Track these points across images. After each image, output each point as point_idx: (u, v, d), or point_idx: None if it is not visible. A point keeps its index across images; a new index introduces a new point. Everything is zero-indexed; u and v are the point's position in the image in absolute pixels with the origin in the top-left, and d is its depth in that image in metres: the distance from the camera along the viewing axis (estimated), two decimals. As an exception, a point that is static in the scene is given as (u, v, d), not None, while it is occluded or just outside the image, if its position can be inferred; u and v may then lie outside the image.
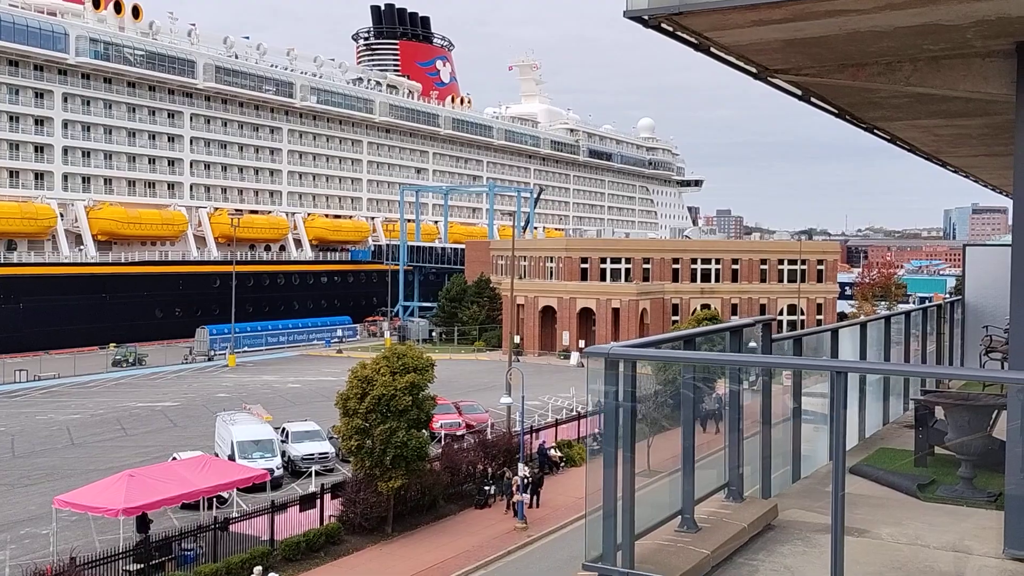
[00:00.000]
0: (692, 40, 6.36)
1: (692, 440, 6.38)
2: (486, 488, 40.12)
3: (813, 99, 8.60)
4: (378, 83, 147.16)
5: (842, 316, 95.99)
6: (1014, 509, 6.24)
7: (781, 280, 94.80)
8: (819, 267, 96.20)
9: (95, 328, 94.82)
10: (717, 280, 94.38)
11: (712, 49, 6.62)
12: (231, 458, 40.68)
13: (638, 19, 5.86)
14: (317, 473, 41.98)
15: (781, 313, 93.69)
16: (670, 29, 6.10)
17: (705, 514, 6.78)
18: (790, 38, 6.35)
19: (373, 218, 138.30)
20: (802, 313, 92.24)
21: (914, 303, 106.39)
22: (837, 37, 6.35)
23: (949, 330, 15.54)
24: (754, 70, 7.41)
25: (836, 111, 9.43)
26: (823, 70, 7.29)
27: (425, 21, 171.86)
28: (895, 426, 11.26)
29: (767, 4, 5.54)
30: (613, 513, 5.32)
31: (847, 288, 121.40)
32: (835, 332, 9.89)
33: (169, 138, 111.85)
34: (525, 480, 38.64)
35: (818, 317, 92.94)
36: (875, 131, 10.88)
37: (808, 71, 7.35)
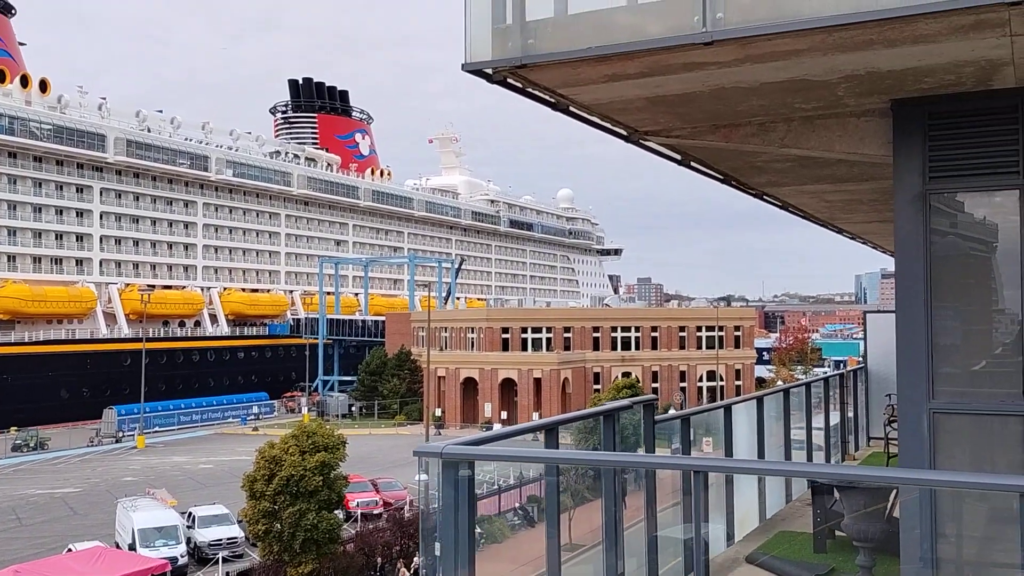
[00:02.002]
0: (547, 98, 5.83)
1: (557, 542, 5.66)
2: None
3: (693, 163, 8.18)
4: (296, 156, 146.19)
5: (760, 381, 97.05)
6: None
7: (700, 347, 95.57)
8: (736, 333, 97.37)
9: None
10: (637, 348, 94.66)
11: (572, 108, 6.10)
12: (132, 547, 38.56)
13: (479, 73, 5.30)
14: (225, 560, 39.95)
15: (701, 379, 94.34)
16: (519, 86, 5.55)
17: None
18: (652, 95, 5.87)
19: (292, 291, 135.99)
20: (721, 379, 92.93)
21: (829, 367, 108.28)
22: (702, 94, 5.90)
23: (853, 399, 15.24)
24: (624, 132, 6.93)
25: (720, 176, 9.04)
26: (694, 131, 6.85)
27: (344, 95, 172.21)
28: (798, 504, 10.72)
29: (617, 56, 5.03)
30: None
31: (765, 353, 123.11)
32: (728, 409, 9.35)
33: (78, 213, 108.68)
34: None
35: (737, 383, 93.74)
36: (765, 198, 10.55)
37: (679, 132, 6.90)
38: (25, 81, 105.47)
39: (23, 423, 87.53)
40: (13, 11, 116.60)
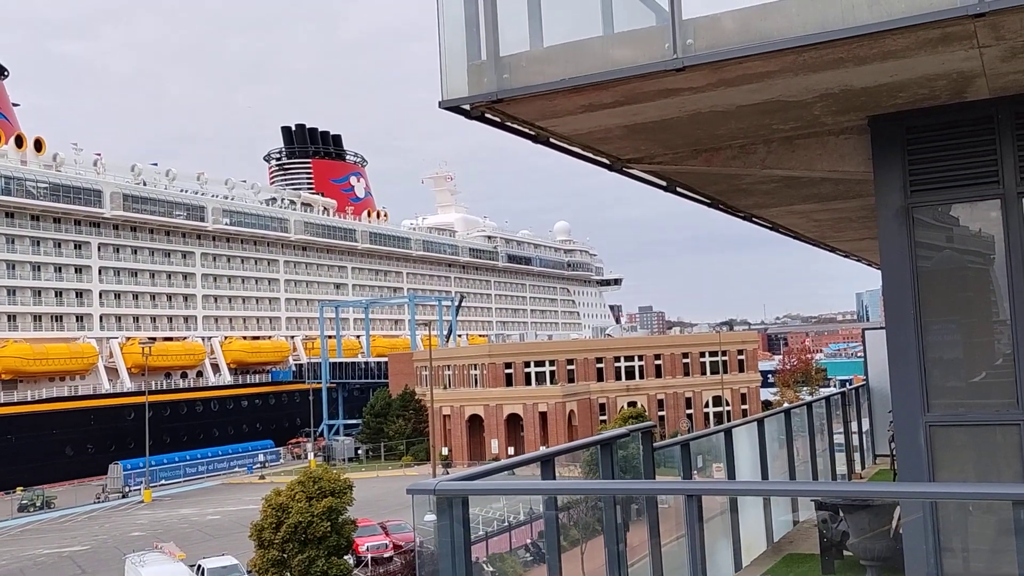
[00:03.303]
0: (526, 131, 5.87)
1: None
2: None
3: (679, 188, 8.21)
4: (292, 202, 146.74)
5: (767, 404, 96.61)
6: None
7: (704, 372, 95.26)
8: (740, 357, 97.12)
9: (0, 472, 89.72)
10: (641, 376, 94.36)
11: (552, 140, 6.14)
12: (140, 604, 38.19)
13: (457, 110, 5.34)
14: (235, 612, 39.57)
15: (707, 405, 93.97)
16: (497, 120, 5.59)
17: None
18: (630, 123, 5.91)
19: (293, 337, 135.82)
20: (727, 404, 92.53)
21: (835, 386, 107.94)
22: (680, 120, 5.93)
23: (857, 417, 15.16)
24: (606, 161, 6.96)
25: (708, 200, 9.06)
26: (677, 157, 6.88)
27: (337, 139, 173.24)
28: (805, 526, 10.63)
29: (592, 86, 5.07)
30: None
31: (769, 376, 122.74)
32: (728, 432, 9.30)
33: (77, 269, 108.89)
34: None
35: (743, 407, 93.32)
36: (753, 220, 10.57)
37: (662, 159, 6.93)
38: (20, 141, 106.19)
39: (29, 483, 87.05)
40: (6, 73, 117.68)
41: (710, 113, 5.79)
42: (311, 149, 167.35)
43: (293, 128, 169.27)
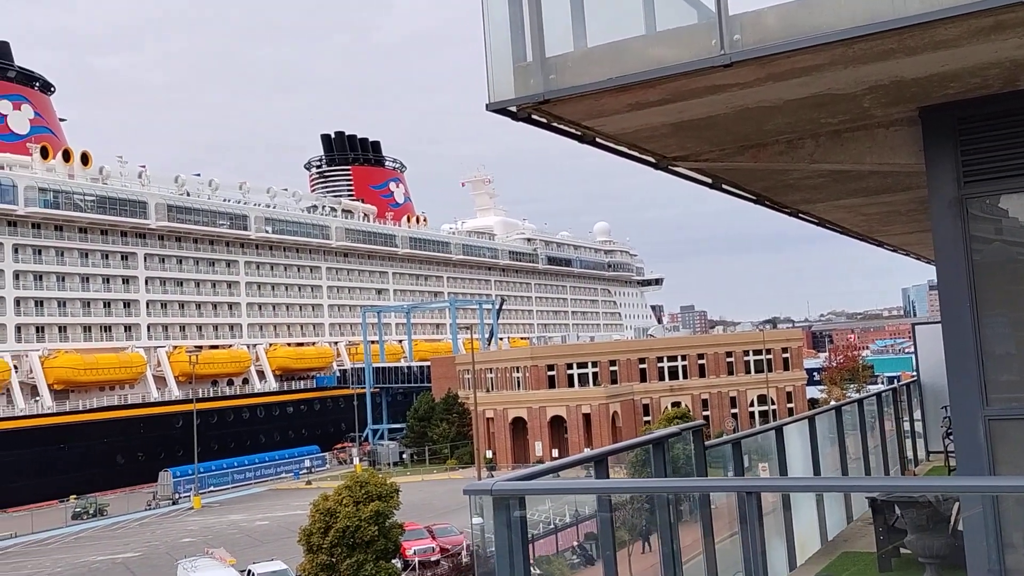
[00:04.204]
0: (572, 131, 5.87)
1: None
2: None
3: (724, 186, 8.15)
4: (333, 209, 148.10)
5: (813, 402, 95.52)
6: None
7: (748, 371, 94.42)
8: (784, 355, 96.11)
9: (54, 481, 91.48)
10: (685, 376, 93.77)
11: (598, 140, 6.14)
12: (193, 608, 38.72)
13: (504, 112, 5.36)
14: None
15: (752, 404, 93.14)
16: (544, 121, 5.60)
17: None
18: (676, 121, 5.89)
19: (336, 343, 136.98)
20: (773, 403, 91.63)
21: (882, 383, 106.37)
22: (727, 116, 5.90)
23: (909, 413, 14.93)
24: (652, 159, 6.94)
25: (753, 197, 8.98)
26: (723, 154, 6.84)
27: (376, 145, 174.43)
28: (859, 524, 10.50)
29: (639, 84, 5.07)
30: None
31: (815, 374, 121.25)
32: (780, 430, 9.21)
33: (124, 280, 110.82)
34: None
35: (789, 405, 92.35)
36: (800, 215, 10.46)
37: (707, 156, 6.89)
38: (68, 156, 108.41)
39: (81, 491, 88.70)
40: (52, 89, 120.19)
41: (757, 108, 5.75)
42: (351, 156, 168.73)
43: (332, 136, 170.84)
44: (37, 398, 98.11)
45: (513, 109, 5.38)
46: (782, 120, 6.11)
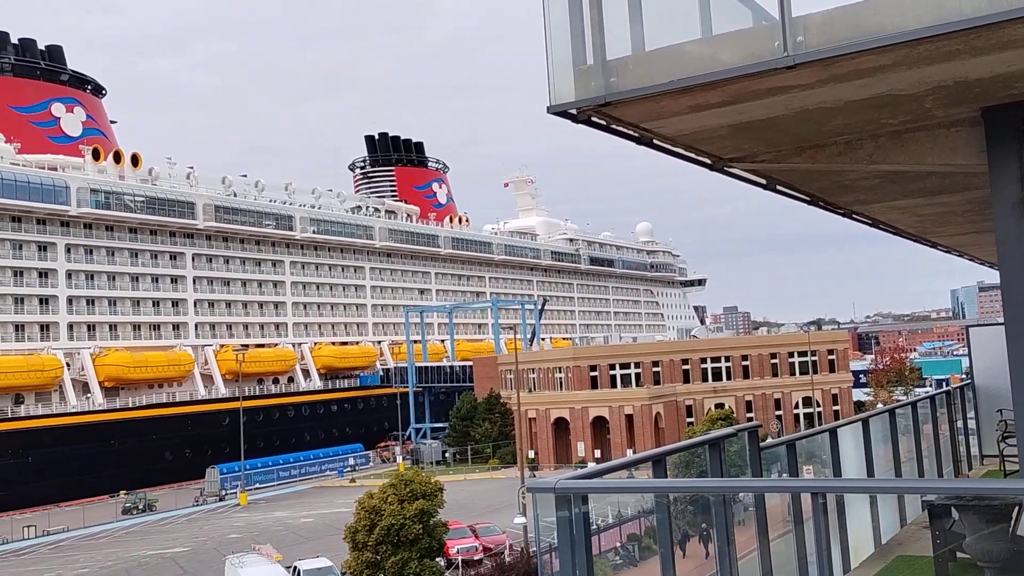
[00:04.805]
0: (631, 133, 5.92)
1: (672, 571, 5.63)
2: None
3: (779, 187, 8.13)
4: (376, 209, 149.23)
5: (859, 405, 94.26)
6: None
7: (793, 373, 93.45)
8: (830, 357, 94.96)
9: (105, 476, 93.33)
10: (728, 378, 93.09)
11: (655, 141, 6.18)
12: (240, 604, 39.25)
13: (564, 114, 5.42)
14: (331, 612, 40.33)
15: (797, 406, 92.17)
16: (603, 123, 5.66)
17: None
18: (735, 123, 5.91)
19: (380, 342, 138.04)
20: (818, 405, 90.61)
21: (931, 386, 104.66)
22: (786, 118, 5.90)
23: (963, 416, 14.72)
24: (708, 161, 6.96)
25: (807, 198, 8.95)
26: (780, 155, 6.83)
27: (419, 146, 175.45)
28: (914, 527, 10.39)
29: (700, 86, 5.10)
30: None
31: (861, 376, 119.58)
32: (833, 432, 9.15)
33: (172, 279, 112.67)
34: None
35: (835, 408, 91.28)
36: (853, 216, 10.39)
37: (764, 157, 6.89)
38: (118, 157, 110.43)
39: (131, 486, 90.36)
40: (104, 92, 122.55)
41: (817, 110, 5.75)
42: (394, 157, 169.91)
43: (376, 137, 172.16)
44: (88, 395, 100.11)
45: (573, 112, 5.43)
46: (842, 121, 6.10)
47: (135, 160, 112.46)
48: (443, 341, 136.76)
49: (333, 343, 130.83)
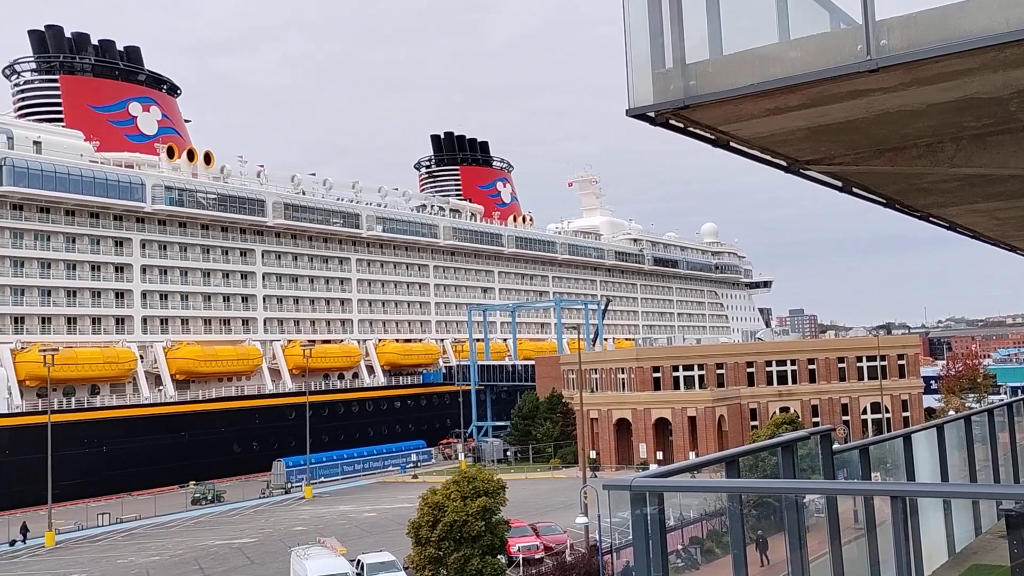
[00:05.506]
0: (708, 136, 5.95)
1: (745, 571, 5.66)
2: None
3: (855, 189, 8.06)
4: (441, 208, 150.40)
5: (930, 412, 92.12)
6: None
7: (861, 378, 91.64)
8: (900, 362, 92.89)
9: (175, 467, 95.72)
10: (794, 381, 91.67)
11: (732, 144, 6.20)
12: (306, 594, 39.93)
13: (643, 117, 5.48)
14: (393, 606, 40.74)
15: (864, 412, 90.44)
16: (680, 126, 5.70)
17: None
18: (814, 125, 5.90)
19: (443, 340, 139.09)
20: (887, 411, 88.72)
21: (1006, 394, 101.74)
22: (866, 120, 5.88)
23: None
24: (783, 163, 6.94)
25: (883, 200, 8.85)
26: (858, 157, 6.79)
27: (484, 146, 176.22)
28: (989, 536, 10.19)
29: (780, 90, 5.11)
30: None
31: (932, 382, 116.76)
32: (908, 438, 9.03)
33: (242, 275, 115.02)
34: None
35: (904, 414, 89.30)
36: (931, 219, 10.23)
37: (842, 159, 6.86)
38: (191, 155, 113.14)
39: (200, 477, 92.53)
40: (179, 91, 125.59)
41: (898, 113, 5.71)
42: (459, 156, 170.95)
43: (442, 136, 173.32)
44: (160, 387, 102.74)
45: (651, 115, 5.49)
46: (923, 124, 6.05)
47: (208, 158, 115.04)
48: (505, 340, 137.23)
49: (397, 340, 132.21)
